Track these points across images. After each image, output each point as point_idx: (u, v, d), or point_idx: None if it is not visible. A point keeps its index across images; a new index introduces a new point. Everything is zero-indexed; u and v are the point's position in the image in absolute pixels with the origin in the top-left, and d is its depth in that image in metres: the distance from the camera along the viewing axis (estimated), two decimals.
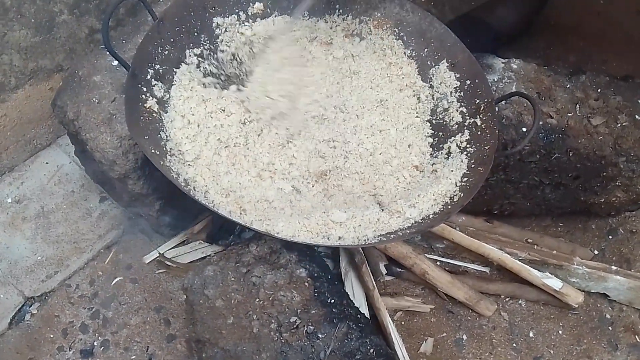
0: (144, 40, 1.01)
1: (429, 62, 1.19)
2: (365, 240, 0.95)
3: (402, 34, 1.21)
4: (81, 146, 1.19)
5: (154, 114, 1.01)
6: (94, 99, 1.15)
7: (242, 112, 1.10)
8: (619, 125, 1.21)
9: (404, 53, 1.21)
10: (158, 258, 1.39)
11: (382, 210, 1.03)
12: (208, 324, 1.01)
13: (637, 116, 1.23)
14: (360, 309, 1.10)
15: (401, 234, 0.97)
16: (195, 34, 1.11)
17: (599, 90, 1.26)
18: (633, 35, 1.89)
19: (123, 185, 1.20)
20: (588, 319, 1.32)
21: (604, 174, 1.25)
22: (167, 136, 1.02)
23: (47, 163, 1.55)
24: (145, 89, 1.00)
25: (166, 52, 1.06)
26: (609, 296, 1.32)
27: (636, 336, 1.29)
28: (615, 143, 1.21)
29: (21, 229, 1.44)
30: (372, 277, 1.27)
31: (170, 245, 1.41)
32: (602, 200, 1.32)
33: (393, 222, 1.00)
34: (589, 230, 1.46)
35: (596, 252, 1.41)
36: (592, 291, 1.33)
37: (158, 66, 1.04)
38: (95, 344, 1.29)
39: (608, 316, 1.32)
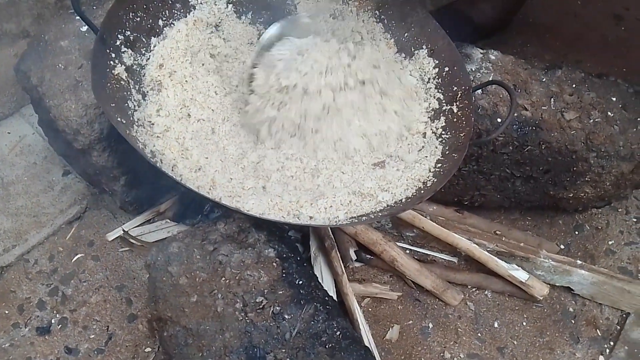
0: (115, 3, 0.97)
1: (408, 47, 1.18)
2: (336, 221, 0.94)
3: (382, 17, 1.19)
4: (44, 114, 1.14)
5: (122, 82, 0.97)
6: (60, 65, 1.10)
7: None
8: (591, 120, 1.23)
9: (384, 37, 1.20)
10: (122, 236, 1.34)
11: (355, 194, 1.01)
12: (170, 302, 0.98)
13: (609, 113, 1.24)
14: (328, 292, 1.08)
15: (373, 217, 0.96)
16: (170, 2, 1.07)
17: (574, 85, 1.27)
18: (608, 37, 1.93)
19: (87, 157, 1.15)
20: (552, 311, 1.33)
21: (574, 168, 1.26)
22: (135, 106, 0.98)
23: (8, 133, 1.49)
24: (113, 55, 0.97)
25: (138, 19, 1.02)
26: (572, 290, 1.34)
27: (597, 330, 1.31)
28: (587, 138, 1.22)
29: None
30: (341, 262, 1.26)
31: (135, 223, 1.37)
32: (571, 195, 1.34)
33: (365, 204, 0.99)
34: (556, 225, 1.47)
35: (562, 246, 1.43)
36: (557, 284, 1.34)
37: (129, 33, 1.00)
38: (52, 321, 1.24)
39: (571, 309, 1.34)
